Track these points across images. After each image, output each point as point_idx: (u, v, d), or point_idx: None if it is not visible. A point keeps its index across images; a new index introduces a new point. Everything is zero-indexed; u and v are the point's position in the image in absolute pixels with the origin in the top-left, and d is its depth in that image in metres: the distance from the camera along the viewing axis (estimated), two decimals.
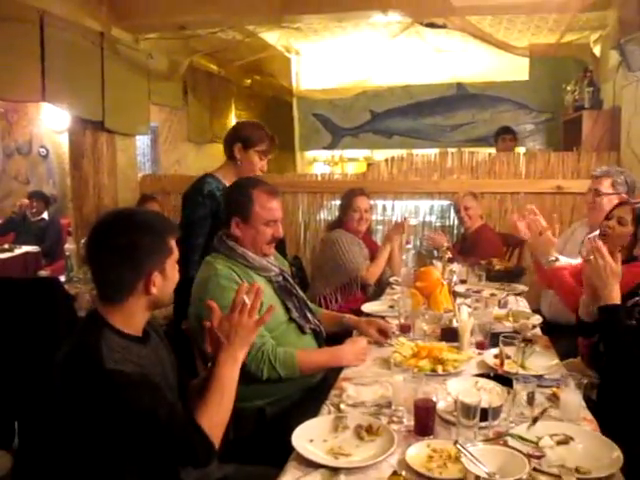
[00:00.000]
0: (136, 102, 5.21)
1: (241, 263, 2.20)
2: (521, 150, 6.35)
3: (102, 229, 1.50)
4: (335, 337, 2.45)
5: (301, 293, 2.45)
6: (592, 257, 2.08)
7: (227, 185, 2.77)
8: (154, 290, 1.48)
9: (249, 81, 7.57)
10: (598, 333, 2.16)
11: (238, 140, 2.87)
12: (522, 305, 3.10)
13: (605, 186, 3.12)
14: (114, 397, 1.32)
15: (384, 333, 2.40)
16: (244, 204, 2.21)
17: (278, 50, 6.65)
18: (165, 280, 1.51)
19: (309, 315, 2.38)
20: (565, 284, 2.64)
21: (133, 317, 1.50)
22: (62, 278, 3.82)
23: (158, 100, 5.69)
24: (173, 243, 1.54)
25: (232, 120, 7.47)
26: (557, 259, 2.73)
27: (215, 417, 1.44)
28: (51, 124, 6.90)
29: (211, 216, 2.77)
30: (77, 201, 5.17)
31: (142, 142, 6.95)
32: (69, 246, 4.32)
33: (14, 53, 3.84)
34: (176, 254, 1.55)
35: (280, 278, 2.33)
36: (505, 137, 5.78)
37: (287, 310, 2.28)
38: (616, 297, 2.02)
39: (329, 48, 6.91)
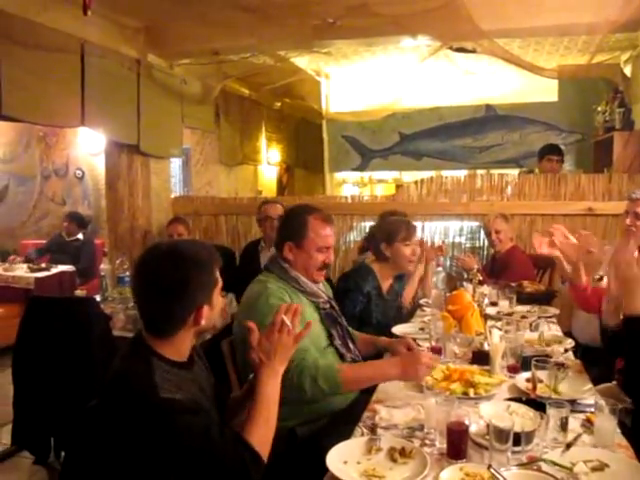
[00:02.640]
0: (170, 126, 5.35)
1: (293, 286, 2.26)
2: None
3: (151, 265, 1.51)
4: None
5: (345, 322, 2.49)
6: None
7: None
8: (203, 322, 1.53)
9: (279, 104, 7.70)
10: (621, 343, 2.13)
11: (381, 240, 3.11)
12: (553, 328, 3.07)
13: None
14: (171, 425, 1.35)
15: (412, 350, 2.40)
16: (299, 229, 2.28)
17: (308, 74, 6.76)
18: (212, 310, 1.56)
19: (351, 345, 2.43)
20: None
21: (181, 347, 1.54)
22: (97, 297, 3.90)
23: (191, 123, 5.83)
24: (218, 273, 1.58)
25: (262, 142, 7.59)
26: (602, 278, 2.70)
27: (262, 433, 1.48)
28: (87, 147, 7.10)
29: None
30: (112, 222, 5.31)
31: (174, 164, 7.11)
32: (104, 266, 4.42)
33: (56, 81, 4.00)
34: (220, 283, 1.59)
35: (327, 305, 2.39)
36: (552, 157, 5.09)
37: (330, 337, 2.32)
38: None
39: (359, 71, 7.00)
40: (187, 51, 5.32)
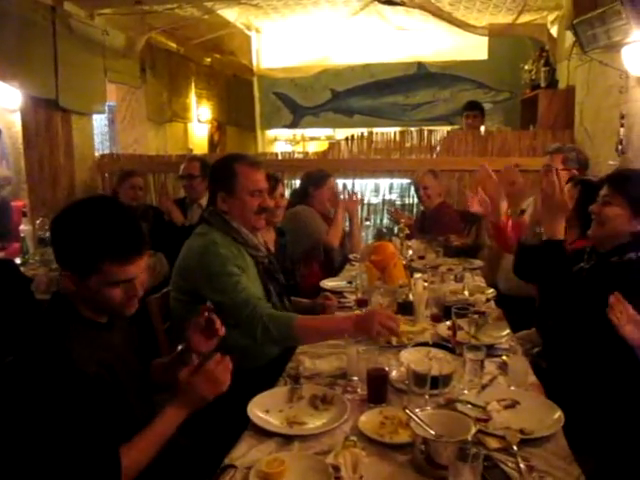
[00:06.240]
0: (92, 80, 5.08)
1: (234, 239, 2.22)
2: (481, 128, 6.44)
3: (72, 211, 1.44)
4: None
5: (282, 279, 2.48)
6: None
7: None
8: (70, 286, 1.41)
9: (209, 60, 7.46)
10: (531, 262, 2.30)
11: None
12: (477, 279, 3.17)
13: (556, 162, 3.21)
14: (71, 393, 1.31)
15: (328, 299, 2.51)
16: (227, 177, 2.24)
17: (238, 28, 6.56)
18: (90, 292, 1.40)
19: (287, 302, 2.43)
20: None
21: (96, 305, 1.44)
22: (18, 260, 3.74)
23: (115, 78, 5.56)
24: (112, 268, 1.37)
25: (192, 99, 7.36)
26: (524, 212, 2.83)
27: (138, 456, 1.40)
28: (3, 103, 6.67)
29: None
30: (32, 181, 5.07)
31: (101, 122, 6.80)
32: (24, 227, 4.22)
33: None
34: (110, 277, 1.38)
35: (266, 260, 2.37)
36: (469, 114, 5.37)
37: (267, 293, 2.30)
38: (560, 232, 2.17)
39: (289, 26, 6.85)
40: (107, 0, 5.04)
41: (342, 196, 3.81)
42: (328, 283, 2.97)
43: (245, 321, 2.01)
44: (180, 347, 1.56)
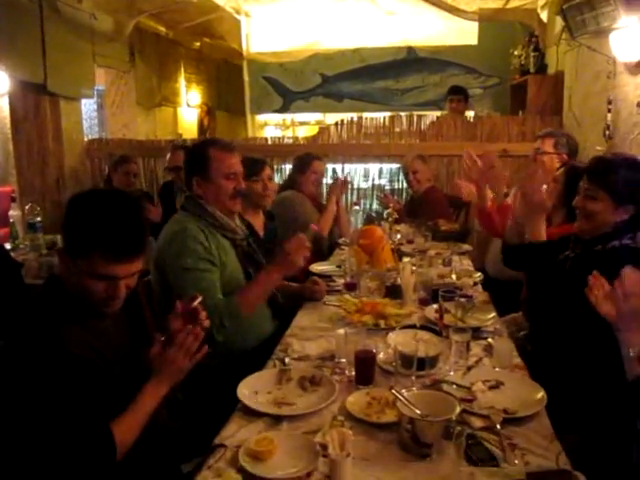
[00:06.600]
0: (80, 64, 5.03)
1: (210, 223, 2.23)
2: (470, 114, 6.45)
3: (83, 197, 1.47)
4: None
5: (264, 261, 2.48)
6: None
7: None
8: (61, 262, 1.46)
9: (198, 44, 7.41)
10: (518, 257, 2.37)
11: None
12: (465, 263, 3.20)
13: (547, 145, 3.24)
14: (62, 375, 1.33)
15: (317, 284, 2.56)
16: (201, 161, 2.25)
17: (227, 11, 6.51)
18: (76, 277, 1.42)
19: None
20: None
21: (84, 289, 1.44)
22: (8, 246, 3.72)
23: (103, 62, 5.52)
24: (99, 260, 1.37)
25: (182, 83, 7.32)
26: (507, 195, 2.87)
27: (125, 433, 1.41)
28: None
29: None
30: (20, 166, 5.03)
31: (89, 106, 6.74)
32: (13, 213, 4.19)
33: None
34: (95, 269, 1.38)
35: (244, 243, 2.37)
36: (453, 98, 5.47)
37: (247, 275, 2.31)
38: (542, 234, 2.22)
39: (279, 10, 6.81)
40: None
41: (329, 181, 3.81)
42: (317, 267, 2.99)
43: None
44: (162, 338, 1.56)
